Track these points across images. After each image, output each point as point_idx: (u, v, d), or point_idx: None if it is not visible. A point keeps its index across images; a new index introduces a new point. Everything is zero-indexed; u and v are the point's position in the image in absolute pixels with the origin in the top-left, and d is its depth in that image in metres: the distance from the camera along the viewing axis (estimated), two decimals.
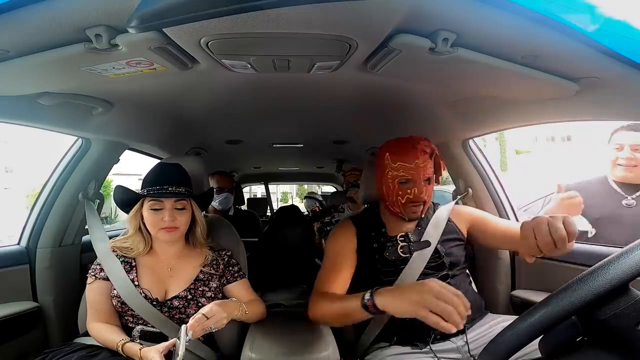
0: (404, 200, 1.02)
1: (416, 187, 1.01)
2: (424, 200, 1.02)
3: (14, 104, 0.92)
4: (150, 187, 0.98)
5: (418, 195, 1.01)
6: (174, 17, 0.40)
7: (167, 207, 0.98)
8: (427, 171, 1.02)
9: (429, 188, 1.03)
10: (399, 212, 1.05)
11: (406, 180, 1.02)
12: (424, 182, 1.02)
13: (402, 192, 1.02)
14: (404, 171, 1.01)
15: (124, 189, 1.04)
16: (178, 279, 1.02)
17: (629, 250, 0.41)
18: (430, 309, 0.71)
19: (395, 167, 1.02)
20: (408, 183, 1.02)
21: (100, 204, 1.43)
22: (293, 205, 2.44)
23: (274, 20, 0.59)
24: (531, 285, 1.41)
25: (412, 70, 0.84)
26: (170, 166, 1.05)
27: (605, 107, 0.90)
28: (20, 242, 1.33)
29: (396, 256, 1.05)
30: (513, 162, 25.03)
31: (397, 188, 1.03)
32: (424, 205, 1.04)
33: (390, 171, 1.03)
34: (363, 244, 1.09)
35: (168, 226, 0.98)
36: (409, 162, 1.01)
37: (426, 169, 1.02)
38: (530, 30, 0.60)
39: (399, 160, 1.02)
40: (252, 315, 1.03)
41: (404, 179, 1.02)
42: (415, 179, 1.01)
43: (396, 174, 1.02)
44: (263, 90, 1.11)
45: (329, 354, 0.92)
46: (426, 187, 1.02)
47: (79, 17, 0.58)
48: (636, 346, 0.40)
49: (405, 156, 1.01)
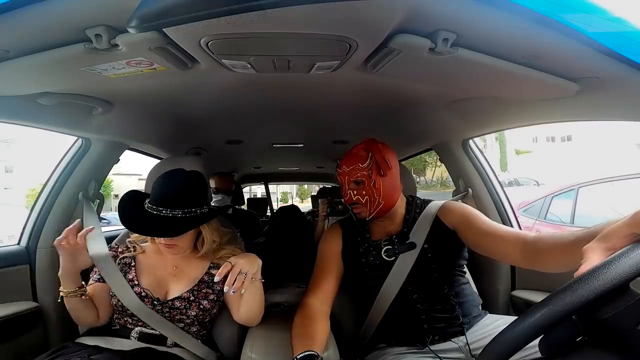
0: (346, 203, 1.08)
1: (343, 191, 1.08)
2: (358, 201, 1.04)
3: (14, 104, 0.92)
4: (153, 207, 0.95)
5: (346, 197, 1.07)
6: (174, 17, 0.40)
7: None
8: (353, 174, 1.04)
9: (363, 189, 1.03)
10: (352, 214, 1.10)
11: (340, 184, 1.10)
12: (350, 184, 1.05)
13: (343, 196, 1.09)
14: (338, 177, 1.10)
15: (132, 196, 1.04)
16: (182, 279, 1.02)
17: (629, 250, 0.41)
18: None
19: (337, 174, 1.11)
20: (342, 187, 1.09)
21: (100, 204, 1.43)
22: (293, 205, 2.44)
23: (274, 20, 0.59)
24: (531, 285, 1.41)
25: (412, 70, 0.84)
26: (176, 182, 0.97)
27: (605, 107, 0.90)
28: (20, 242, 1.33)
29: (381, 260, 1.04)
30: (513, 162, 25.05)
31: (342, 192, 1.10)
32: (367, 206, 1.04)
33: (338, 178, 1.11)
34: (348, 248, 1.10)
35: (168, 245, 0.97)
36: (340, 167, 1.09)
37: (353, 172, 1.04)
38: (530, 30, 0.60)
39: (338, 168, 1.10)
40: (259, 298, 0.98)
41: (339, 183, 1.10)
42: (343, 183, 1.08)
43: (338, 179, 1.10)
44: (263, 90, 1.11)
45: (329, 354, 0.92)
46: (356, 189, 1.04)
47: (79, 17, 0.59)
48: (636, 346, 0.40)
49: (340, 163, 1.09)
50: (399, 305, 1.02)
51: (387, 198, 1.04)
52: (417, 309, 1.02)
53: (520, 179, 13.59)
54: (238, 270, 0.86)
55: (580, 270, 0.43)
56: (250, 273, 0.88)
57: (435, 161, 18.53)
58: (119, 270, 0.99)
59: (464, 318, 1.01)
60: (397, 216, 1.10)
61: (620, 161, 14.94)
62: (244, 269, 0.87)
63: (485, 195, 1.51)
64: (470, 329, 1.01)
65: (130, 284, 0.97)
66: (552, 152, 23.89)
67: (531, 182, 12.63)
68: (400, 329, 1.03)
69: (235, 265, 0.87)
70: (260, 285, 0.96)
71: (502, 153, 25.23)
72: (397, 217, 1.10)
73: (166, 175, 0.99)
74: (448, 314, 1.01)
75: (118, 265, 1.02)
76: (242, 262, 0.88)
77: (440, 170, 19.38)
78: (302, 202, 20.63)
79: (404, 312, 1.03)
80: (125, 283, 0.97)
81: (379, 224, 1.10)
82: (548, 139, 27.10)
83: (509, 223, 1.50)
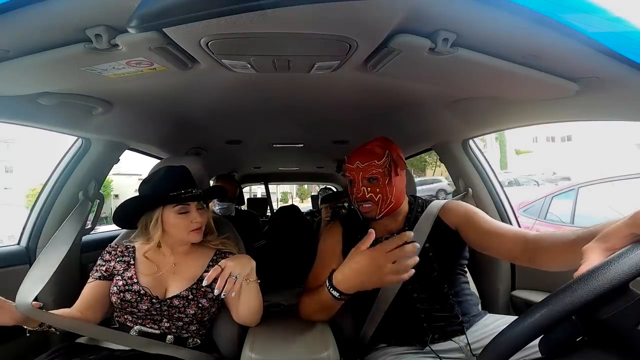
0: (354, 200, 1.07)
1: (355, 187, 1.06)
2: (371, 199, 1.03)
3: (14, 104, 0.92)
4: (175, 193, 0.99)
5: (358, 194, 1.05)
6: (174, 17, 0.40)
7: (193, 209, 1.01)
8: (368, 171, 1.03)
9: (377, 187, 1.03)
10: (358, 211, 1.09)
11: (350, 181, 1.08)
12: (363, 181, 1.04)
13: (352, 192, 1.08)
14: (349, 172, 1.08)
15: (137, 198, 1.04)
16: (181, 277, 1.02)
17: (629, 251, 0.41)
18: (392, 274, 0.80)
19: (347, 169, 1.09)
20: (353, 184, 1.07)
21: (100, 204, 1.43)
22: (293, 205, 2.44)
23: (274, 20, 0.59)
24: (531, 285, 1.41)
25: (412, 70, 0.84)
26: (181, 169, 1.06)
27: (605, 107, 0.90)
28: (20, 242, 1.33)
29: None
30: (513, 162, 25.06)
31: (349, 188, 1.09)
32: (378, 204, 1.03)
33: (347, 174, 1.09)
34: (349, 246, 1.09)
35: (199, 227, 1.01)
36: (352, 163, 1.06)
37: (368, 169, 1.03)
38: (530, 30, 0.60)
39: (348, 163, 1.08)
40: (256, 298, 0.98)
41: (349, 179, 1.08)
42: (355, 179, 1.06)
43: (347, 175, 1.08)
44: (263, 91, 1.11)
45: (329, 354, 0.92)
46: (370, 186, 1.03)
47: (79, 17, 0.59)
48: (636, 346, 0.40)
49: (352, 159, 1.07)
50: (399, 305, 1.02)
51: (398, 197, 1.05)
52: (416, 308, 1.02)
53: (521, 178, 13.61)
54: (228, 273, 0.87)
55: (579, 271, 0.43)
56: (242, 275, 0.89)
57: (435, 161, 18.53)
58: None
59: (463, 317, 1.01)
60: (399, 215, 1.10)
61: (620, 161, 14.94)
62: (234, 272, 0.88)
63: (485, 195, 1.51)
64: (471, 329, 1.02)
65: (129, 282, 0.98)
66: (552, 152, 23.89)
67: (531, 181, 12.64)
68: (400, 328, 1.03)
69: (225, 268, 0.88)
70: (255, 286, 0.97)
71: (502, 153, 25.24)
72: (399, 216, 1.10)
73: (168, 168, 1.06)
74: (447, 313, 1.01)
75: (118, 264, 1.02)
76: (231, 264, 0.89)
77: (440, 170, 19.39)
78: (302, 202, 20.63)
79: (403, 311, 1.03)
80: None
81: (381, 222, 1.09)
82: (548, 139, 27.10)
83: (509, 223, 1.50)
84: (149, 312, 0.96)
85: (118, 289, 0.96)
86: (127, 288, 0.96)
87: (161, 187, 1.00)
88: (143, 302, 0.96)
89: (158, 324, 0.98)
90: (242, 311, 1.00)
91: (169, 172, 1.04)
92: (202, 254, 1.08)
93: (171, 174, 1.04)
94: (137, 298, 0.95)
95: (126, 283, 0.97)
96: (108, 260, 1.03)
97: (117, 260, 1.03)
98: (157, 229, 1.00)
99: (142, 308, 0.95)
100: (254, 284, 0.96)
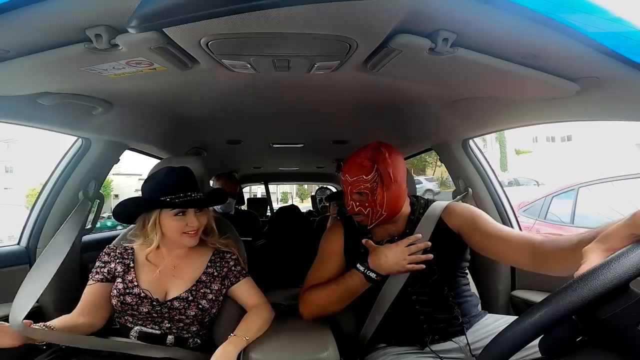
0: (349, 210, 1.06)
1: (345, 200, 1.07)
2: (360, 212, 1.03)
3: (14, 104, 0.92)
4: (174, 195, 0.97)
5: (348, 207, 1.06)
6: (174, 17, 0.40)
7: (191, 212, 0.99)
8: (357, 185, 1.01)
9: (365, 201, 1.01)
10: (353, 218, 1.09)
11: (343, 192, 1.09)
12: (352, 195, 1.04)
13: (345, 205, 1.08)
14: (342, 182, 1.08)
15: (136, 199, 1.04)
16: (180, 279, 1.02)
17: (628, 251, 0.41)
18: (409, 262, 0.97)
19: (341, 178, 1.09)
20: (344, 195, 1.08)
21: (100, 204, 1.43)
22: (293, 205, 2.44)
23: (274, 20, 0.59)
24: (531, 285, 1.41)
25: (412, 70, 0.84)
26: (183, 170, 1.04)
27: (605, 107, 0.90)
28: (20, 242, 1.33)
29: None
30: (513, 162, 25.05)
31: (344, 201, 1.09)
32: (368, 217, 1.03)
33: (341, 182, 1.10)
34: (350, 247, 1.10)
35: (194, 231, 1.00)
36: (343, 174, 1.06)
37: (356, 184, 1.01)
38: (530, 30, 0.60)
39: (342, 171, 1.08)
40: (257, 332, 0.98)
41: (344, 190, 1.08)
42: (345, 192, 1.07)
43: (342, 184, 1.09)
44: (263, 90, 1.11)
45: (329, 354, 0.92)
46: (359, 200, 1.02)
47: (79, 17, 0.58)
48: (636, 346, 0.40)
49: (344, 169, 1.06)
50: (399, 306, 1.02)
51: (390, 209, 1.03)
52: (416, 309, 1.02)
53: (521, 178, 13.60)
54: None
55: (580, 271, 0.43)
56: None
57: (435, 161, 18.53)
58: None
59: (463, 318, 1.01)
60: (400, 217, 1.09)
61: (620, 161, 14.93)
62: None
63: (485, 195, 1.51)
64: (471, 329, 1.02)
65: (130, 285, 0.97)
66: (552, 152, 23.88)
67: (531, 182, 12.63)
68: (400, 328, 1.03)
69: None
70: (255, 335, 0.97)
71: (502, 153, 25.23)
72: (400, 218, 1.09)
73: (170, 169, 1.05)
74: (447, 314, 1.01)
75: (118, 265, 1.02)
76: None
77: (440, 170, 19.39)
78: (302, 202, 20.63)
79: (403, 312, 1.03)
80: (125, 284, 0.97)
81: (384, 224, 1.08)
82: (548, 139, 27.08)
83: (509, 223, 1.50)
84: (149, 314, 0.96)
85: (118, 292, 0.96)
86: (128, 291, 0.96)
87: (160, 189, 0.98)
88: (144, 304, 0.96)
89: (159, 324, 0.98)
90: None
91: (169, 174, 1.03)
92: (201, 255, 1.08)
93: (172, 175, 1.02)
94: (138, 301, 0.95)
95: (126, 286, 0.97)
96: (107, 261, 1.03)
97: (116, 261, 1.02)
98: (156, 232, 0.99)
99: (142, 311, 0.95)
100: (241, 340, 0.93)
